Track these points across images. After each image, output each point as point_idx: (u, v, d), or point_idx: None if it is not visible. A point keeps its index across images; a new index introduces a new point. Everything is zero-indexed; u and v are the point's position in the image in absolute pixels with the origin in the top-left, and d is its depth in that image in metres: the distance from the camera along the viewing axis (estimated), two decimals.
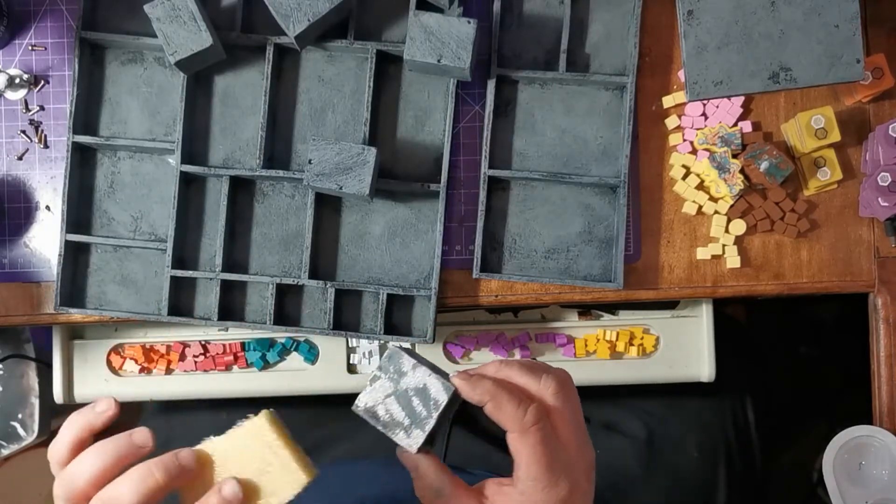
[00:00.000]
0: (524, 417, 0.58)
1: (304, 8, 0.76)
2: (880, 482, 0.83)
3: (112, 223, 0.83)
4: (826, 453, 0.83)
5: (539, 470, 0.58)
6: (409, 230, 0.82)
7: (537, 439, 0.58)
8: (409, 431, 0.60)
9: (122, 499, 0.54)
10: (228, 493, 0.55)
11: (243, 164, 0.82)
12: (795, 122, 0.80)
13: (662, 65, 0.82)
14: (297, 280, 0.81)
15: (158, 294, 0.82)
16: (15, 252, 0.83)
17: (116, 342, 0.93)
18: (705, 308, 0.92)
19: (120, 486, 0.54)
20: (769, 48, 0.69)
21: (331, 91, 0.82)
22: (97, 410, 0.58)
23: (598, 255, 0.82)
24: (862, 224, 0.83)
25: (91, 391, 0.93)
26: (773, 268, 0.83)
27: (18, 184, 0.83)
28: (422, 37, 0.76)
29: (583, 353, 0.92)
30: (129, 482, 0.54)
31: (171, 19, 0.76)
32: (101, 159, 0.83)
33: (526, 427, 0.58)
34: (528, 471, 0.58)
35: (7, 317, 0.83)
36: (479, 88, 0.82)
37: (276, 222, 0.83)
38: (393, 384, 0.61)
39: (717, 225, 0.82)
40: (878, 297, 0.83)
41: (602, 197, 0.82)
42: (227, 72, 0.82)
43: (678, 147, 0.82)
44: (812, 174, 0.81)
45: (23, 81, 0.82)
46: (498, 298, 0.83)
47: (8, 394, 1.09)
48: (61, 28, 0.82)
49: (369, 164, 0.76)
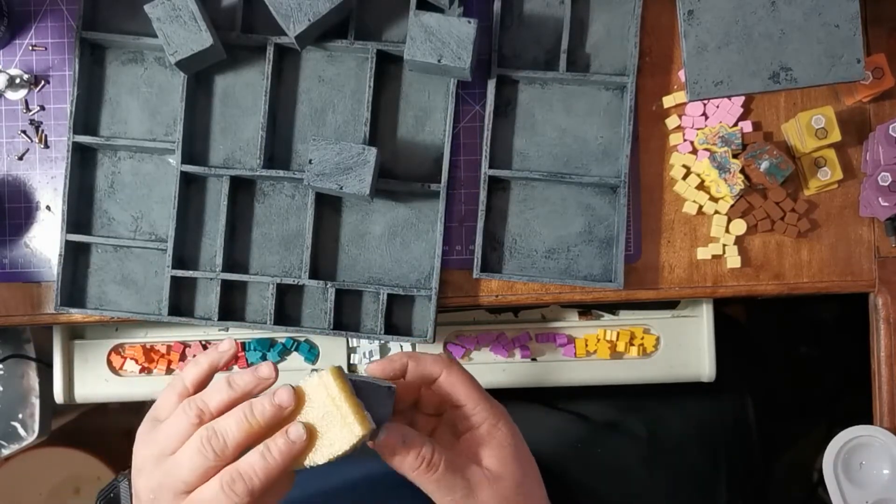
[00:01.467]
0: (440, 359, 0.65)
1: (305, 8, 0.76)
2: (880, 482, 0.83)
3: (112, 223, 0.83)
4: (826, 453, 0.83)
5: (478, 393, 0.65)
6: (410, 230, 0.82)
7: (459, 368, 0.65)
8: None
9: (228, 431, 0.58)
10: (294, 435, 0.58)
11: (244, 164, 0.82)
12: (796, 122, 0.80)
13: (663, 65, 0.82)
14: (298, 280, 0.81)
15: (159, 294, 0.82)
16: (15, 252, 0.83)
17: (117, 342, 0.93)
18: (705, 308, 0.92)
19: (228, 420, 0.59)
20: (769, 48, 0.69)
21: (331, 91, 0.82)
22: (221, 350, 0.64)
23: (598, 255, 0.82)
24: (862, 224, 0.83)
25: (91, 391, 0.93)
26: (773, 268, 0.83)
27: (19, 184, 0.83)
28: (422, 37, 0.76)
29: (583, 352, 0.92)
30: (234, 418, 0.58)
31: (171, 19, 0.76)
32: (102, 159, 0.83)
33: (447, 363, 0.65)
34: (471, 395, 0.64)
35: (7, 317, 0.83)
36: (479, 88, 0.82)
37: (277, 222, 0.83)
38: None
39: (717, 225, 0.82)
40: (879, 296, 0.83)
41: (602, 197, 0.82)
42: (228, 72, 0.82)
43: (678, 147, 0.82)
44: (812, 174, 0.81)
45: (23, 81, 0.82)
46: (498, 298, 0.83)
47: (8, 394, 1.09)
48: (62, 28, 0.82)
49: (370, 163, 0.76)
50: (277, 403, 0.58)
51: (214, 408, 0.59)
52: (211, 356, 0.64)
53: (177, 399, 0.62)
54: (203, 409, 0.59)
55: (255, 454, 0.58)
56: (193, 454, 0.58)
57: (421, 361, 0.65)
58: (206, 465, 0.58)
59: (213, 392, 0.60)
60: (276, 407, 0.58)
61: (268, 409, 0.58)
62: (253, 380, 0.60)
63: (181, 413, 0.60)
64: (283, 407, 0.58)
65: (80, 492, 1.42)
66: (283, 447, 0.58)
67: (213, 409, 0.59)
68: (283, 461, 0.58)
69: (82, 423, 1.45)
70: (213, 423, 0.58)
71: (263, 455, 0.58)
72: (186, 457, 0.58)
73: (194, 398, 0.60)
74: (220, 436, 0.58)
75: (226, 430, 0.58)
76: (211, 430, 0.58)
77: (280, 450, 0.58)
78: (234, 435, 0.58)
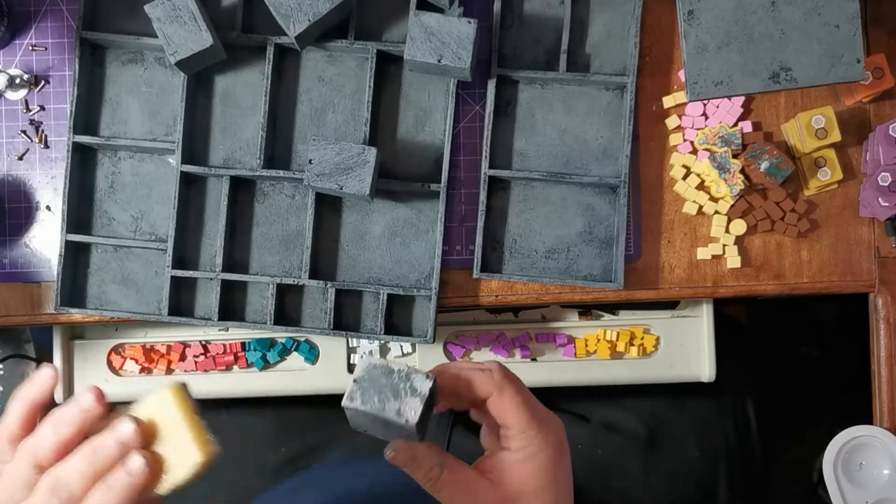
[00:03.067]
0: (493, 377, 0.61)
1: (305, 8, 0.76)
2: (880, 482, 0.83)
3: (112, 223, 0.83)
4: (826, 453, 0.83)
5: (526, 418, 0.60)
6: (410, 230, 0.82)
7: (513, 391, 0.60)
8: (403, 408, 0.59)
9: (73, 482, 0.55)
10: (134, 467, 0.55)
11: (244, 164, 0.82)
12: (796, 122, 0.80)
13: (663, 65, 0.82)
14: (298, 280, 0.81)
15: (159, 294, 0.82)
16: (15, 252, 0.83)
17: (117, 342, 0.93)
18: (705, 308, 0.92)
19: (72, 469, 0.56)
20: (769, 48, 0.69)
21: (331, 91, 0.82)
22: (38, 382, 0.60)
23: (598, 255, 0.82)
24: (862, 224, 0.83)
25: None
26: (773, 268, 0.83)
27: (19, 184, 0.83)
28: (422, 37, 0.76)
29: (583, 353, 0.93)
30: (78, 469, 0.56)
31: (171, 19, 0.76)
32: (102, 159, 0.83)
33: (499, 384, 0.60)
34: (518, 422, 0.60)
35: (7, 317, 0.83)
36: (479, 88, 0.82)
37: (277, 222, 0.83)
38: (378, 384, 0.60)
39: (717, 225, 0.82)
40: (879, 296, 0.83)
41: (602, 197, 0.82)
42: (228, 72, 0.82)
43: (678, 147, 0.82)
44: (812, 174, 0.81)
45: (23, 81, 0.82)
46: (498, 298, 0.83)
47: (8, 394, 1.09)
48: (62, 28, 0.82)
49: (370, 163, 0.76)
50: (122, 442, 0.55)
51: (49, 451, 0.56)
52: (32, 391, 0.60)
53: (6, 443, 0.59)
54: (38, 456, 0.57)
55: (101, 493, 0.55)
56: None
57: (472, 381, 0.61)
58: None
59: (44, 436, 0.57)
60: (121, 445, 0.55)
61: (112, 451, 0.55)
62: (78, 416, 0.57)
63: (19, 461, 0.57)
64: (128, 445, 0.55)
65: None
66: (126, 482, 0.55)
67: (47, 454, 0.56)
68: (130, 494, 0.55)
69: None
70: (57, 472, 0.56)
71: (108, 492, 0.55)
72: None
73: (27, 445, 0.57)
74: (65, 487, 0.55)
75: (70, 481, 0.55)
76: (55, 479, 0.55)
77: (123, 485, 0.55)
78: (80, 485, 0.55)
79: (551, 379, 0.92)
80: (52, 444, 0.57)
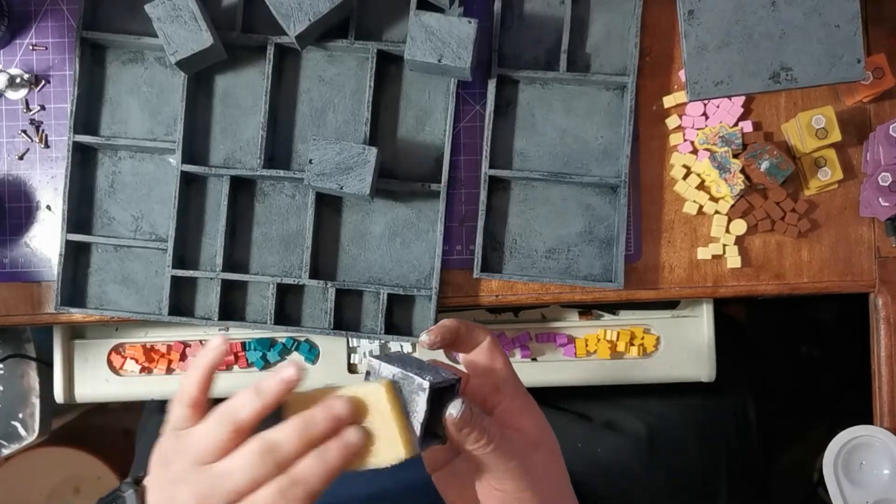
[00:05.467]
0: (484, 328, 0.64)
1: (305, 8, 0.76)
2: (880, 482, 0.83)
3: (113, 223, 0.83)
4: (826, 453, 0.83)
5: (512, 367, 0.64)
6: (410, 230, 0.82)
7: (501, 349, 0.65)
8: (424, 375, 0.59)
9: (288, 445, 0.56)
10: (355, 437, 0.56)
11: (244, 164, 0.82)
12: (796, 122, 0.80)
13: (663, 65, 0.82)
14: (298, 280, 0.81)
15: (159, 294, 0.82)
16: (15, 252, 0.83)
17: (117, 342, 0.93)
18: (706, 308, 0.92)
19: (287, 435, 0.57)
20: (770, 48, 0.69)
21: (331, 91, 0.82)
22: (213, 348, 0.61)
23: (598, 255, 0.82)
24: (862, 224, 0.83)
25: (91, 391, 0.93)
26: (773, 268, 0.83)
27: (19, 183, 0.83)
28: (422, 36, 0.76)
29: (583, 352, 0.92)
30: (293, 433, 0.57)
31: (171, 19, 0.76)
32: (102, 159, 0.83)
33: (490, 331, 0.64)
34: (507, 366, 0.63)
35: (7, 317, 0.83)
36: (479, 88, 0.82)
37: (277, 222, 0.83)
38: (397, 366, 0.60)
39: (717, 225, 0.82)
40: (879, 296, 0.83)
41: (602, 197, 0.82)
42: (228, 72, 0.82)
43: (679, 147, 0.82)
44: (813, 174, 0.81)
45: (24, 81, 0.82)
46: (498, 298, 0.83)
47: (8, 393, 1.09)
48: (62, 28, 0.82)
49: (370, 163, 0.76)
50: (336, 416, 0.57)
51: (251, 415, 0.58)
52: (207, 357, 0.62)
53: (190, 409, 0.60)
54: (237, 419, 0.57)
55: (313, 458, 0.56)
56: (249, 465, 0.56)
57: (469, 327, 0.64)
58: (263, 473, 0.56)
59: (246, 401, 0.58)
60: (335, 419, 0.57)
61: (327, 424, 0.57)
62: (281, 387, 0.58)
63: (214, 424, 0.58)
64: (342, 420, 0.57)
65: (80, 491, 1.42)
66: (342, 451, 0.56)
67: (250, 417, 0.57)
68: (341, 464, 0.56)
69: (82, 423, 1.45)
70: (269, 435, 0.56)
71: (322, 458, 0.56)
72: (239, 466, 0.56)
73: (227, 407, 0.58)
74: (277, 449, 0.56)
75: (283, 445, 0.56)
76: (265, 440, 0.56)
77: (337, 454, 0.56)
78: (293, 448, 0.56)
79: (551, 379, 0.92)
80: (254, 409, 0.57)
